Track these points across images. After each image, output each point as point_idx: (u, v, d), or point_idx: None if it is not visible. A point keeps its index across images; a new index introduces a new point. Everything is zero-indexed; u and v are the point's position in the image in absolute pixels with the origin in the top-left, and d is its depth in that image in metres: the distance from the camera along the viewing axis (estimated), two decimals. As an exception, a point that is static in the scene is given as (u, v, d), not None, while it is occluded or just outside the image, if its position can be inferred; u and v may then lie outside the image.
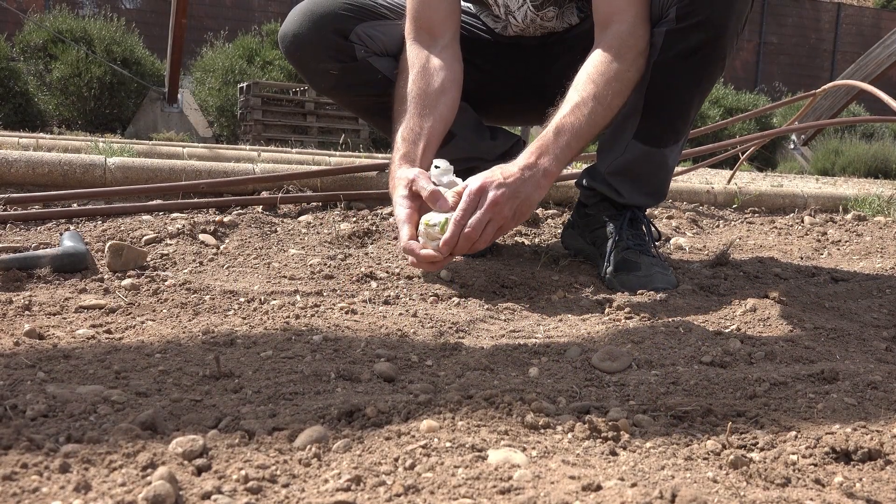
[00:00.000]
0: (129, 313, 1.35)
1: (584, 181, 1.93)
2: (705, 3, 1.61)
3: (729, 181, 4.06)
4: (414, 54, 1.75)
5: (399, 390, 0.97)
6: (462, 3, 1.88)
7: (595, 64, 1.60)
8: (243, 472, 0.70)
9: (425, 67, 1.73)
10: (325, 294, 1.56)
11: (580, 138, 1.57)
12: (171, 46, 7.92)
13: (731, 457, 0.78)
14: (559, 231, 2.38)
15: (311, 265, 1.81)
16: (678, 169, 3.46)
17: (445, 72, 1.73)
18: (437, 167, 1.56)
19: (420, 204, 1.54)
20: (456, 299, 1.56)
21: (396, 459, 0.73)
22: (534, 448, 0.77)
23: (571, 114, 1.57)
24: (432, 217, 1.49)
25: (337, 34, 1.85)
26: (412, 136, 1.65)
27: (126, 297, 1.47)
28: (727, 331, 1.36)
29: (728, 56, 1.71)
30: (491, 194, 1.46)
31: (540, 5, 1.84)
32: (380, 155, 6.38)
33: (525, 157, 1.53)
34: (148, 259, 1.75)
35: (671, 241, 2.44)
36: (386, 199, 2.64)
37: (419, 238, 1.49)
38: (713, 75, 1.73)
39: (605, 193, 1.87)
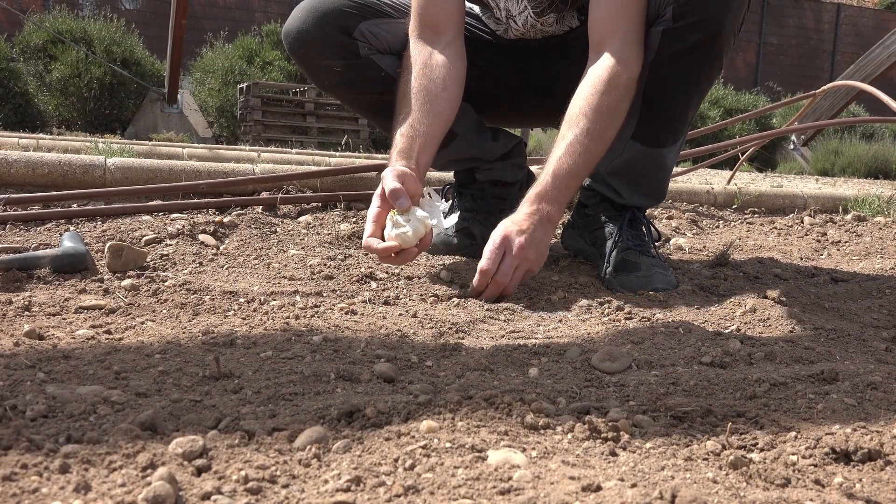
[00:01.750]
0: (129, 314, 1.35)
1: (584, 182, 1.94)
2: (701, 2, 1.61)
3: (729, 182, 4.06)
4: (417, 51, 1.76)
5: (399, 391, 0.97)
6: (466, 3, 1.88)
7: (587, 97, 1.62)
8: (243, 473, 0.70)
9: (428, 64, 1.73)
10: (324, 294, 1.56)
11: (577, 176, 1.63)
12: (170, 47, 7.92)
13: (731, 457, 0.78)
14: (559, 232, 2.38)
15: (310, 266, 1.81)
16: (678, 169, 3.46)
17: (448, 69, 1.74)
18: (429, 195, 1.60)
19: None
20: (456, 300, 1.56)
21: (396, 460, 0.73)
22: (534, 448, 0.77)
23: (566, 154, 1.61)
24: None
25: (341, 31, 1.85)
26: (411, 132, 1.66)
27: (126, 298, 1.47)
28: (727, 331, 1.36)
29: (725, 56, 1.71)
30: (517, 241, 1.55)
31: (540, 12, 1.84)
32: (379, 155, 6.38)
33: (528, 205, 1.60)
34: (148, 259, 1.75)
35: (671, 242, 2.44)
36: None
37: (387, 231, 1.57)
38: (710, 75, 1.73)
39: (604, 194, 1.87)
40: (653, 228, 1.92)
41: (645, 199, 1.89)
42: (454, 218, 1.62)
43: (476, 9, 2.01)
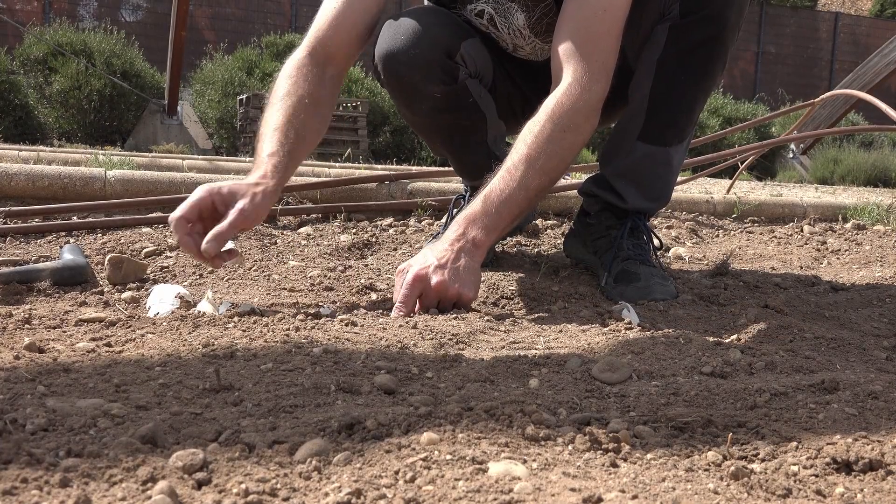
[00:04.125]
0: (129, 326, 1.35)
1: (587, 189, 1.94)
2: None
3: (728, 191, 4.07)
4: (309, 72, 1.69)
5: (399, 402, 0.96)
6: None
7: (530, 125, 1.60)
8: (243, 486, 0.69)
9: (317, 99, 1.67)
10: (324, 306, 1.56)
11: (511, 203, 1.55)
12: (170, 58, 7.94)
13: (732, 468, 0.78)
14: (559, 241, 2.38)
15: (310, 277, 1.81)
16: (678, 178, 3.47)
17: (328, 107, 1.72)
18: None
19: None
20: (455, 311, 1.56)
21: (397, 472, 0.73)
22: (534, 460, 0.77)
23: (501, 180, 1.56)
24: None
25: (447, 54, 1.77)
26: (286, 161, 1.58)
27: (126, 310, 1.47)
28: (727, 341, 1.36)
29: (729, 51, 1.72)
30: (434, 279, 1.48)
31: (546, 36, 1.83)
32: (379, 166, 6.39)
33: (453, 231, 1.54)
34: (148, 272, 1.75)
35: (671, 251, 2.44)
36: (386, 211, 2.64)
37: None
38: (715, 71, 1.74)
39: (608, 200, 1.87)
40: (654, 237, 1.92)
41: (650, 203, 1.88)
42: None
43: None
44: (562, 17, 1.63)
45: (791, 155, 13.07)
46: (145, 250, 1.92)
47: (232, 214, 1.46)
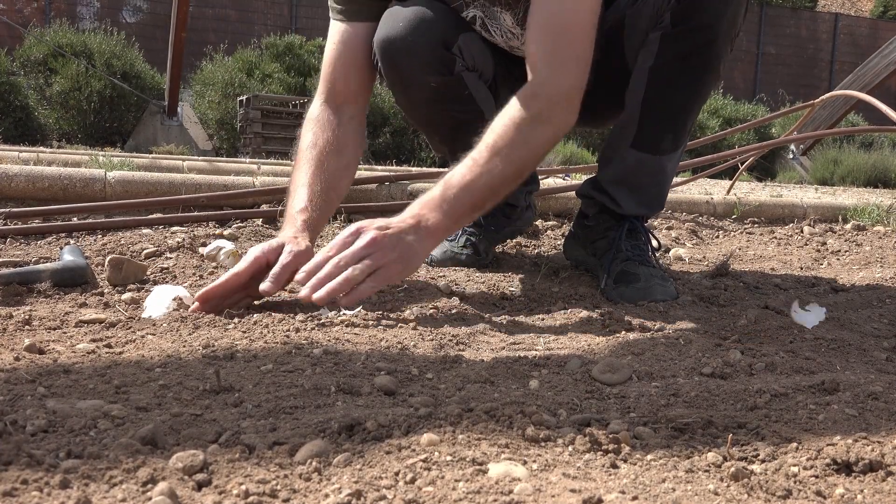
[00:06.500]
0: (130, 327, 1.35)
1: (584, 191, 1.94)
2: (699, 7, 1.62)
3: (728, 191, 4.07)
4: (325, 118, 1.78)
5: (399, 404, 0.96)
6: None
7: (500, 115, 1.59)
8: (244, 487, 0.69)
9: (336, 140, 1.75)
10: (325, 307, 1.56)
11: (472, 191, 1.52)
12: (170, 60, 7.95)
13: (732, 469, 0.78)
14: (559, 242, 2.38)
15: (311, 278, 1.80)
16: (677, 179, 3.47)
17: (353, 149, 1.78)
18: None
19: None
20: (456, 311, 1.56)
21: (397, 473, 0.73)
22: (534, 461, 0.77)
23: (464, 166, 1.54)
24: None
25: (444, 45, 1.78)
26: (312, 213, 1.65)
27: (126, 311, 1.47)
28: (727, 342, 1.36)
29: (723, 61, 1.71)
30: (371, 233, 1.44)
31: None
32: (379, 167, 6.39)
33: (409, 211, 1.52)
34: (148, 273, 1.75)
35: (671, 252, 2.44)
36: (386, 211, 2.64)
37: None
38: (709, 81, 1.73)
39: (604, 203, 1.87)
40: (653, 238, 1.92)
41: (644, 209, 1.88)
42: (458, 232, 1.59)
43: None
44: (532, 8, 1.60)
45: (791, 156, 13.07)
46: (145, 251, 1.92)
47: (283, 258, 1.49)
